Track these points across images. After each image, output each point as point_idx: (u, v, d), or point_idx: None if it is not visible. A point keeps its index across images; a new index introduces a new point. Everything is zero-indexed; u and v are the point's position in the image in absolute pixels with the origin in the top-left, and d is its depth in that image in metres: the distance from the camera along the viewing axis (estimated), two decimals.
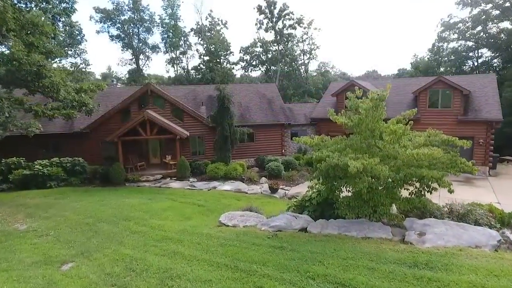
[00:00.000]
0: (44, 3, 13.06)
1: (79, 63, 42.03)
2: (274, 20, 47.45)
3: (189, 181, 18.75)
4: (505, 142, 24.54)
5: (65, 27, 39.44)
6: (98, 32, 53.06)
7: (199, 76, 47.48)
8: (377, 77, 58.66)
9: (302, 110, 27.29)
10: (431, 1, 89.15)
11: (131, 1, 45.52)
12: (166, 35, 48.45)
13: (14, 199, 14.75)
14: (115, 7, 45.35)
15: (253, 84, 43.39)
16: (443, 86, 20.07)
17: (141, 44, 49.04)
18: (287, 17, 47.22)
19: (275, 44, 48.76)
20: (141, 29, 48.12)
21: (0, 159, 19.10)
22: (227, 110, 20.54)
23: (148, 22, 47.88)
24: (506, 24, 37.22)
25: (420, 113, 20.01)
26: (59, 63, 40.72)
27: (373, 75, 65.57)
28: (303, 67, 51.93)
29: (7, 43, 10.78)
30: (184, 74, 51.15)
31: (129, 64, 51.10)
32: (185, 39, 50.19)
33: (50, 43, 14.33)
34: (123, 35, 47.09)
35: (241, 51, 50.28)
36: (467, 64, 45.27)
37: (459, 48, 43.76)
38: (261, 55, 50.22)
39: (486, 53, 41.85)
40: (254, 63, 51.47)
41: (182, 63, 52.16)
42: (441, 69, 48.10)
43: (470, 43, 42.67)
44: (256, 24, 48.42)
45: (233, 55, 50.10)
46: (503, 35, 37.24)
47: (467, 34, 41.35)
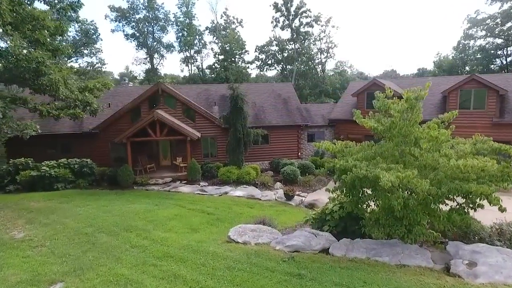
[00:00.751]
0: None
1: (95, 63, 42.09)
2: (290, 17, 46.09)
3: (199, 185, 17.80)
4: None
5: (80, 26, 39.54)
6: (113, 31, 53.08)
7: (213, 75, 46.70)
8: (396, 77, 56.40)
9: (319, 110, 25.96)
10: None
11: (146, 0, 45.19)
12: (180, 34, 47.88)
13: (18, 202, 14.29)
14: (130, 5, 45.14)
15: (268, 83, 42.22)
16: (477, 85, 18.34)
17: (155, 43, 48.69)
18: (304, 14, 45.74)
19: (291, 42, 47.37)
20: (156, 27, 47.74)
21: (8, 159, 18.71)
22: (241, 110, 19.48)
23: (162, 20, 47.45)
24: None
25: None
26: (75, 62, 41.09)
27: (391, 75, 63.15)
28: (320, 66, 50.36)
29: (6, 38, 10.08)
30: (198, 73, 50.46)
31: (143, 63, 50.93)
32: (199, 37, 49.51)
33: (54, 39, 13.63)
34: (137, 34, 46.85)
35: (257, 50, 49.11)
36: (495, 62, 42.98)
37: (487, 45, 41.49)
38: (277, 54, 48.91)
39: None
40: (269, 62, 50.18)
41: (196, 62, 51.57)
42: (467, 68, 45.84)
43: (499, 40, 40.39)
44: (272, 22, 47.09)
45: (248, 54, 49.06)
46: None
47: (496, 30, 39.20)
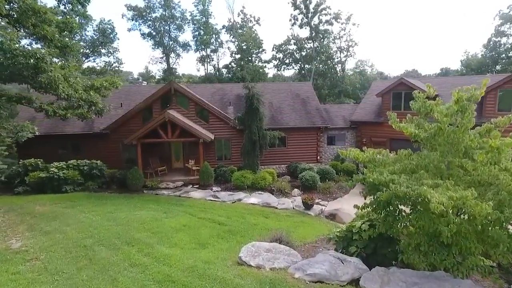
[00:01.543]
0: None
1: (112, 62, 41.99)
2: (309, 15, 44.54)
3: (212, 190, 16.79)
4: None
5: (98, 26, 39.51)
6: (129, 30, 53.01)
7: (229, 75, 45.76)
8: (417, 77, 53.88)
9: (339, 111, 24.51)
10: None
11: None
12: (197, 33, 47.23)
13: (24, 205, 13.75)
14: (146, 4, 44.84)
15: (285, 82, 40.86)
16: None
17: (172, 42, 48.24)
18: (323, 12, 44.07)
19: (310, 41, 45.82)
20: (172, 26, 47.26)
21: (18, 159, 18.31)
22: (256, 111, 18.36)
23: (179, 19, 46.93)
24: None
25: (486, 118, 16.62)
26: (93, 61, 41.13)
27: (413, 74, 60.46)
28: (339, 65, 48.57)
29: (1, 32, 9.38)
30: (214, 72, 49.68)
31: (160, 62, 50.61)
32: (216, 36, 48.68)
33: (63, 36, 12.95)
34: (154, 33, 46.52)
35: (274, 49, 47.81)
36: None
37: None
38: (295, 53, 47.45)
39: None
40: (287, 61, 48.77)
41: (212, 61, 50.78)
42: (497, 67, 43.18)
43: None
44: (290, 20, 45.67)
45: (265, 53, 47.79)
46: None
47: None
